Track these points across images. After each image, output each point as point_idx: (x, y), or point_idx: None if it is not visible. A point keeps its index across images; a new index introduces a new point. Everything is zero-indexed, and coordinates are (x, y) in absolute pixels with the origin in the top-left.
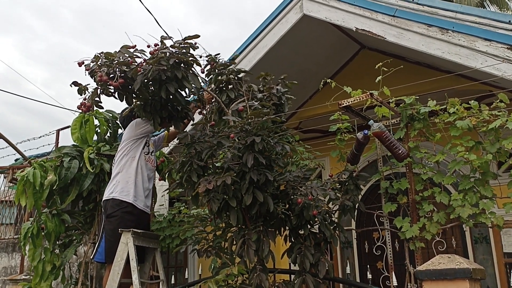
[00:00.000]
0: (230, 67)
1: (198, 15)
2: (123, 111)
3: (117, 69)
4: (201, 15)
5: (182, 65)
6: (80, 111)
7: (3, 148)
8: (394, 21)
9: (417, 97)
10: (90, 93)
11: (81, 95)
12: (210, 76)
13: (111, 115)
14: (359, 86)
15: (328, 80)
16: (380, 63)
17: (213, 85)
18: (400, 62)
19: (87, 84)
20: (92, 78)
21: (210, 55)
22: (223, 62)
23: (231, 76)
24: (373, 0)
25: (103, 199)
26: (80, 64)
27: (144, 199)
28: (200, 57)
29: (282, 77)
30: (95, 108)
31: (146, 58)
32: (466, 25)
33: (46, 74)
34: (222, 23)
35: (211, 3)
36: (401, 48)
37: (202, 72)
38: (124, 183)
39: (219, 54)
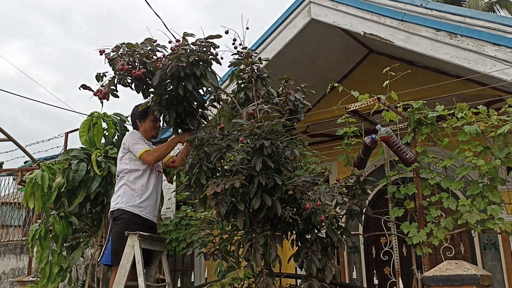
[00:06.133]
0: (255, 65)
1: (207, 20)
2: (135, 107)
3: (138, 60)
4: (211, 20)
5: (201, 63)
6: (96, 97)
7: (12, 151)
8: (402, 25)
9: (425, 101)
10: (108, 81)
11: (98, 81)
12: (231, 69)
13: (119, 118)
14: (366, 91)
15: (336, 84)
16: (388, 68)
17: (234, 81)
18: (408, 66)
19: (106, 72)
20: (111, 67)
21: (246, 47)
22: (254, 59)
23: (252, 74)
24: (381, 5)
25: (109, 210)
26: (101, 52)
27: (151, 210)
28: (234, 43)
29: (303, 85)
30: (110, 97)
31: (167, 53)
32: (475, 30)
33: (57, 78)
34: (230, 28)
35: (220, 9)
36: (409, 53)
37: (235, 48)
38: (129, 195)
39: (253, 50)
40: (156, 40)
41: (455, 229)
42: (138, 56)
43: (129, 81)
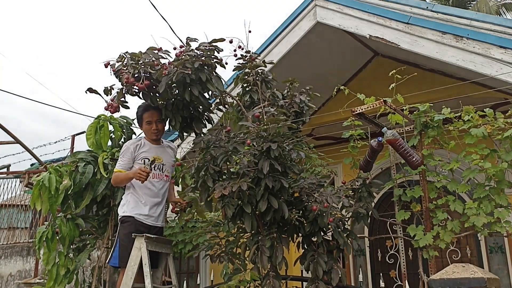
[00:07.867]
0: (260, 69)
1: (211, 25)
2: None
3: (142, 71)
4: (214, 25)
5: (206, 67)
6: (108, 111)
7: (19, 153)
8: (408, 28)
9: (431, 104)
10: (116, 93)
11: (107, 95)
12: (236, 72)
13: (125, 121)
14: (372, 93)
15: (342, 87)
16: (394, 70)
17: (239, 84)
18: (414, 69)
19: (113, 85)
20: (117, 78)
21: (249, 51)
22: (257, 63)
23: (257, 77)
24: (387, 8)
25: (118, 218)
26: (106, 65)
27: (157, 216)
28: (235, 50)
29: (308, 88)
30: (121, 108)
31: (171, 60)
32: (481, 33)
33: (62, 80)
34: (236, 32)
35: (225, 13)
36: (415, 55)
37: (235, 56)
38: (135, 203)
39: (257, 54)
40: (161, 48)
41: (462, 232)
42: (142, 66)
43: (136, 90)
